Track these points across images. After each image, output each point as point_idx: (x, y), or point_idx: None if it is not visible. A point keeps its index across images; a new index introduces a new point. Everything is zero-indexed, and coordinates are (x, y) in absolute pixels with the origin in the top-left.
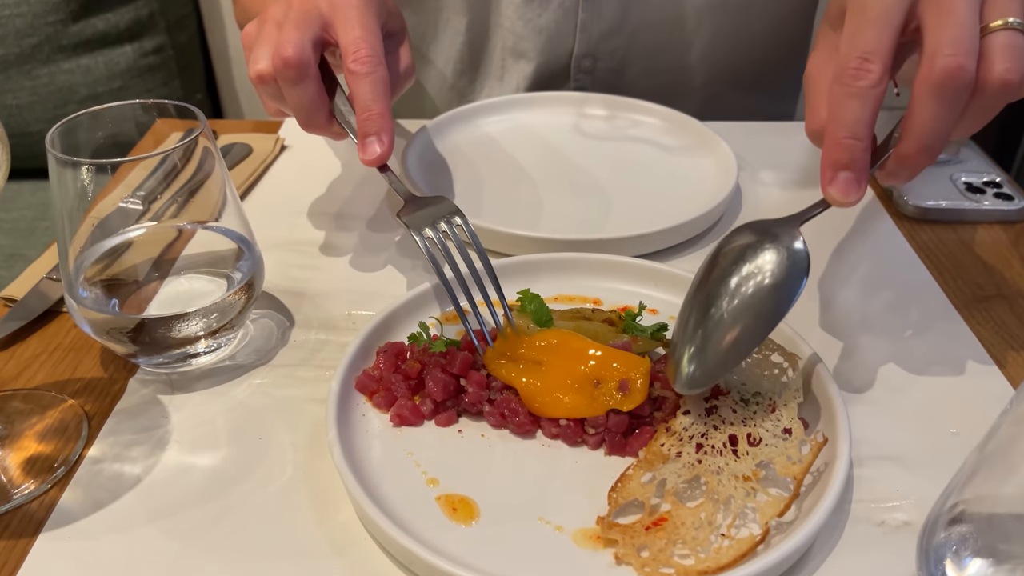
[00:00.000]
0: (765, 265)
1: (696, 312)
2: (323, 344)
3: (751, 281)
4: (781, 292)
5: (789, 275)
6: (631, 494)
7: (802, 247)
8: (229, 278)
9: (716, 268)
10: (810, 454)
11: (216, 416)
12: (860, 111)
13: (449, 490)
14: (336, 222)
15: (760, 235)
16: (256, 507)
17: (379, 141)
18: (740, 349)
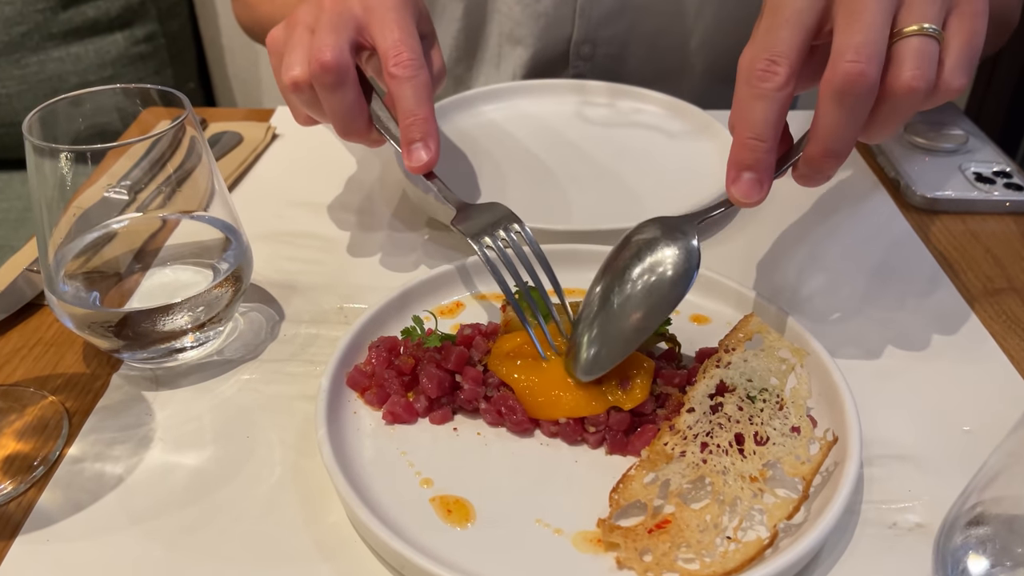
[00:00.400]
0: (665, 259)
1: (598, 300)
2: (314, 338)
3: (650, 273)
4: (676, 285)
5: (684, 269)
6: (633, 495)
7: (695, 244)
8: (215, 269)
9: (620, 259)
10: (819, 454)
11: (202, 413)
12: (765, 112)
13: (444, 491)
14: (328, 213)
15: (663, 230)
16: (243, 509)
17: (425, 147)
18: (635, 336)
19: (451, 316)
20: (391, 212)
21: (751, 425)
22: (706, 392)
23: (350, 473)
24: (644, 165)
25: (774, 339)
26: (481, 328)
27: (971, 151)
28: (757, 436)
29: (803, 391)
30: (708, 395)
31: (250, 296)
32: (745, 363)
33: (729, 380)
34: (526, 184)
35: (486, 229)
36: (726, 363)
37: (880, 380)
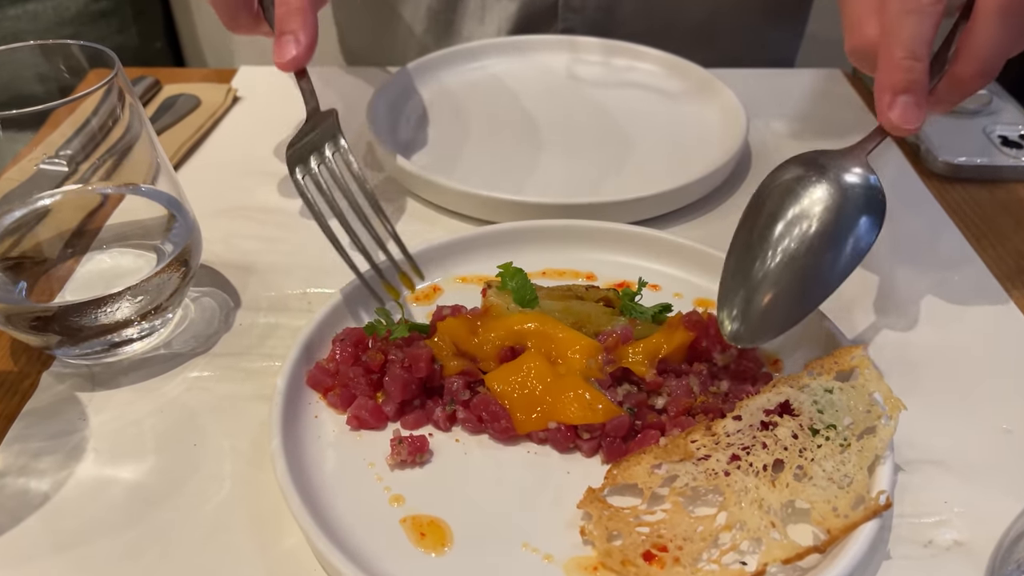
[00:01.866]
0: (829, 203)
1: (740, 257)
2: (273, 329)
3: (810, 223)
4: (849, 236)
5: (858, 216)
6: (633, 477)
7: (876, 182)
8: (159, 251)
9: (766, 206)
10: (861, 514)
11: (143, 418)
12: (919, 28)
13: (416, 510)
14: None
15: (823, 169)
16: (186, 531)
17: (295, 40)
18: (797, 305)
19: (427, 302)
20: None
21: (799, 457)
22: (763, 405)
23: (308, 491)
24: (643, 131)
25: (872, 378)
26: (462, 310)
27: (995, 112)
28: (801, 471)
29: (880, 446)
30: (764, 409)
31: (202, 279)
32: (825, 393)
33: (797, 403)
34: (515, 151)
35: (310, 150)
36: (802, 385)
37: (905, 372)
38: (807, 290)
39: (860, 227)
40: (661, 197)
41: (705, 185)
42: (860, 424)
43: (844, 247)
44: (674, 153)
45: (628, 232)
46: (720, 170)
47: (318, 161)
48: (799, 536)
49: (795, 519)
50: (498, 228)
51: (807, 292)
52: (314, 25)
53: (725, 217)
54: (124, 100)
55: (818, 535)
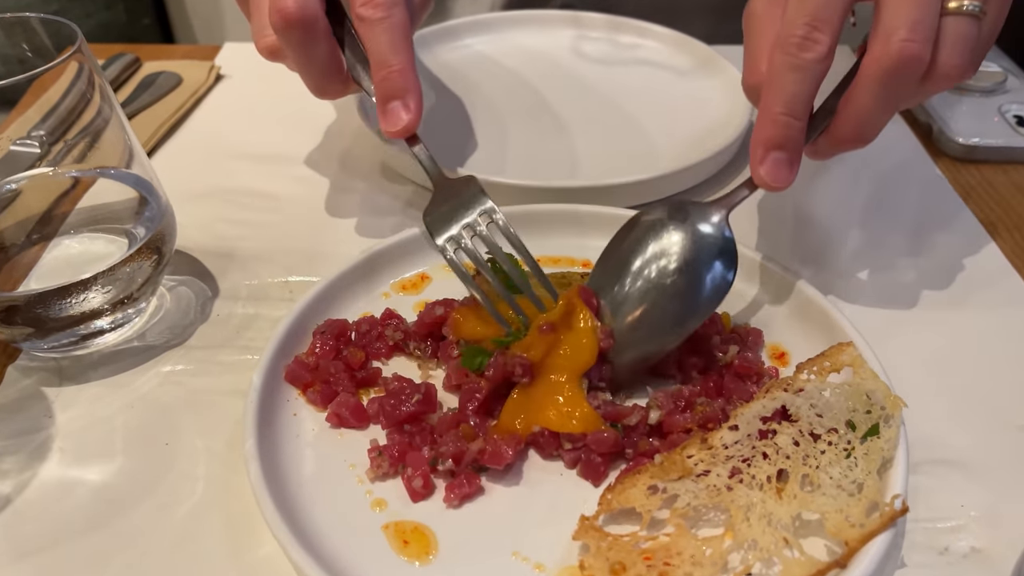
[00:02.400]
0: (672, 248)
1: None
2: (252, 320)
3: (667, 263)
4: (703, 280)
5: (710, 263)
6: (630, 500)
7: (729, 236)
8: (131, 236)
9: (627, 240)
10: (878, 522)
11: (113, 415)
12: (801, 86)
13: (400, 516)
14: (277, 166)
15: (683, 217)
16: (155, 538)
17: (404, 106)
18: (655, 333)
19: (415, 291)
20: (353, 166)
21: (803, 466)
22: (759, 413)
23: (284, 495)
24: (644, 108)
25: (867, 377)
26: (453, 304)
27: (1010, 91)
28: (806, 480)
29: (886, 448)
30: (761, 416)
31: (179, 267)
32: (821, 395)
33: (794, 408)
34: (516, 130)
35: (455, 224)
36: (797, 389)
37: (918, 367)
38: (663, 322)
39: (713, 273)
40: (663, 180)
41: (709, 167)
42: (862, 426)
43: (695, 290)
44: (676, 133)
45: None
46: (724, 151)
47: (470, 233)
48: (813, 550)
49: (806, 532)
50: None
51: (662, 324)
52: (419, 86)
53: None
54: (89, 78)
55: (832, 548)
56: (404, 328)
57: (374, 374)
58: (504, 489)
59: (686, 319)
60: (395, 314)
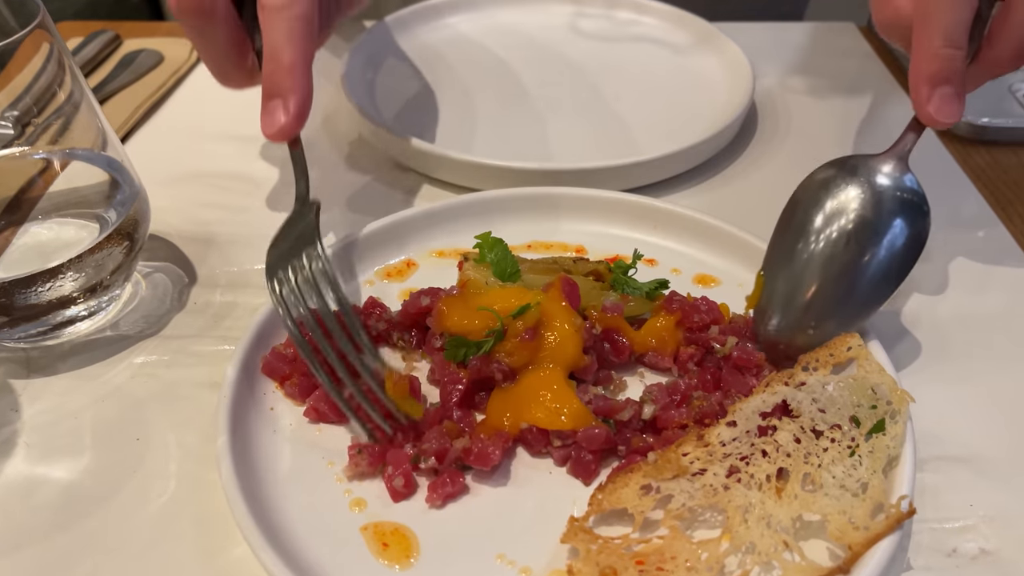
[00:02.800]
0: (866, 208)
1: (779, 257)
2: (230, 308)
3: (848, 226)
4: (889, 241)
5: (900, 221)
6: (621, 501)
7: (916, 186)
8: (102, 220)
9: (800, 209)
10: (884, 525)
11: (82, 408)
12: (959, 14)
13: (380, 516)
14: (260, 149)
15: (859, 178)
16: (124, 538)
17: (283, 107)
18: (845, 304)
19: (400, 279)
20: (339, 149)
21: (804, 464)
22: (759, 408)
23: (258, 495)
24: (640, 87)
25: (871, 370)
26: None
27: (1022, 69)
28: (808, 479)
29: (892, 445)
30: (760, 412)
31: (155, 253)
32: (824, 389)
33: (795, 403)
34: (501, 112)
35: (287, 259)
36: (799, 382)
37: (926, 358)
38: (854, 290)
39: (903, 232)
40: (659, 162)
41: (707, 148)
42: (866, 422)
43: (883, 251)
44: (674, 113)
45: (622, 201)
46: (723, 132)
47: (296, 268)
48: (814, 554)
49: (807, 534)
50: (479, 196)
51: (854, 292)
52: (306, 86)
53: (729, 183)
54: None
55: (835, 551)
56: (388, 318)
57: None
58: (489, 488)
59: (882, 283)
60: (378, 303)
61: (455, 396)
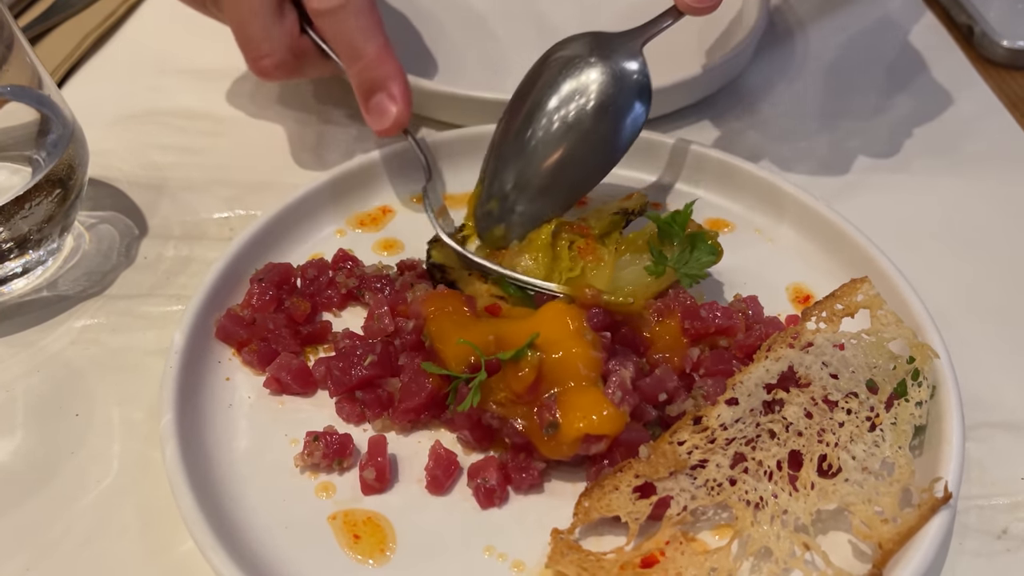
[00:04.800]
0: (591, 86)
1: (513, 137)
2: (185, 263)
3: (573, 103)
4: (612, 123)
5: (623, 103)
6: (612, 508)
7: (642, 69)
8: (35, 163)
9: (538, 83)
10: (915, 516)
11: (14, 380)
12: None
13: (351, 503)
14: (222, 82)
15: (593, 49)
16: (61, 530)
17: (388, 97)
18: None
19: (375, 227)
20: (305, 82)
21: (819, 444)
22: (762, 379)
23: (210, 480)
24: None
25: (887, 322)
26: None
27: None
28: (824, 462)
29: (918, 414)
30: (765, 384)
31: (101, 201)
32: (835, 351)
33: (803, 369)
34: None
35: None
36: (805, 343)
37: (968, 315)
38: (586, 162)
39: (632, 111)
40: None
41: (714, 79)
42: (886, 386)
43: (614, 127)
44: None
45: None
46: (734, 60)
47: None
48: (839, 555)
49: (829, 528)
50: (464, 133)
51: (586, 164)
52: (400, 68)
53: (740, 116)
54: None
55: (862, 548)
56: (359, 273)
57: (322, 329)
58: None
59: (604, 163)
60: (349, 255)
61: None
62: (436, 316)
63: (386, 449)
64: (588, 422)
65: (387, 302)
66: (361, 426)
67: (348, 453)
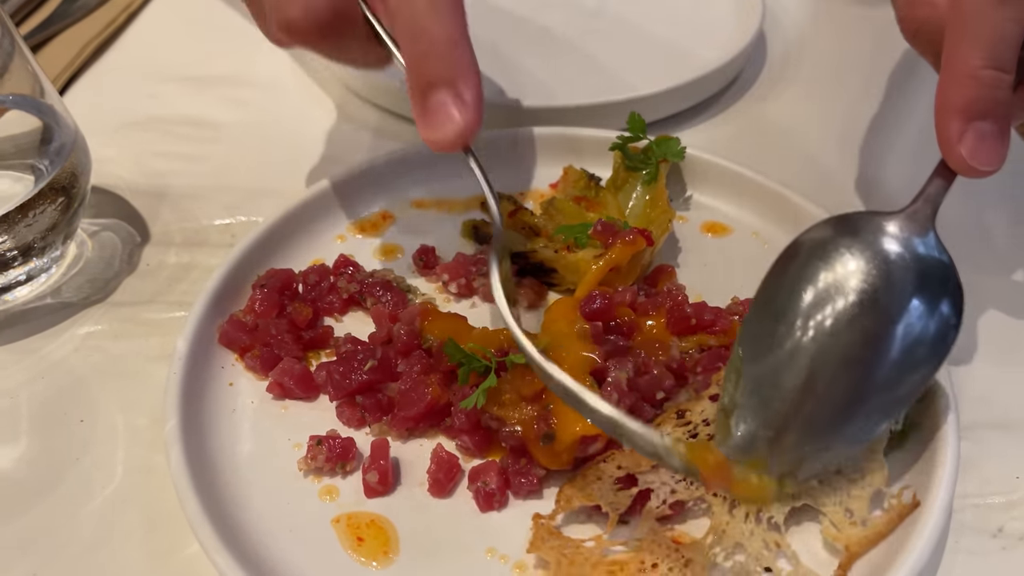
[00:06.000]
0: (888, 306)
1: (756, 348)
2: (187, 270)
3: (859, 321)
4: (914, 338)
5: (927, 310)
6: (592, 497)
7: (946, 260)
8: (38, 172)
9: (787, 279)
10: (883, 521)
11: (18, 387)
12: (1013, 30)
13: (354, 506)
14: (222, 89)
15: (865, 243)
16: (65, 535)
17: (454, 99)
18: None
19: (375, 233)
20: (309, 88)
21: None
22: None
23: (214, 484)
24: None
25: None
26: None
27: None
28: None
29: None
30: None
31: (103, 209)
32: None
33: None
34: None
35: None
36: None
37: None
38: (849, 407)
39: (929, 326)
40: (660, 97)
41: (713, 82)
42: None
43: (908, 352)
44: (675, 46)
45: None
46: (731, 64)
47: None
48: (810, 555)
49: (802, 525)
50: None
51: (850, 410)
52: (475, 65)
53: (737, 119)
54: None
55: (833, 549)
56: (360, 278)
57: (324, 334)
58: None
59: (887, 388)
60: (350, 261)
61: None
62: (435, 319)
63: (388, 452)
64: (584, 424)
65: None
66: (363, 430)
67: (351, 457)
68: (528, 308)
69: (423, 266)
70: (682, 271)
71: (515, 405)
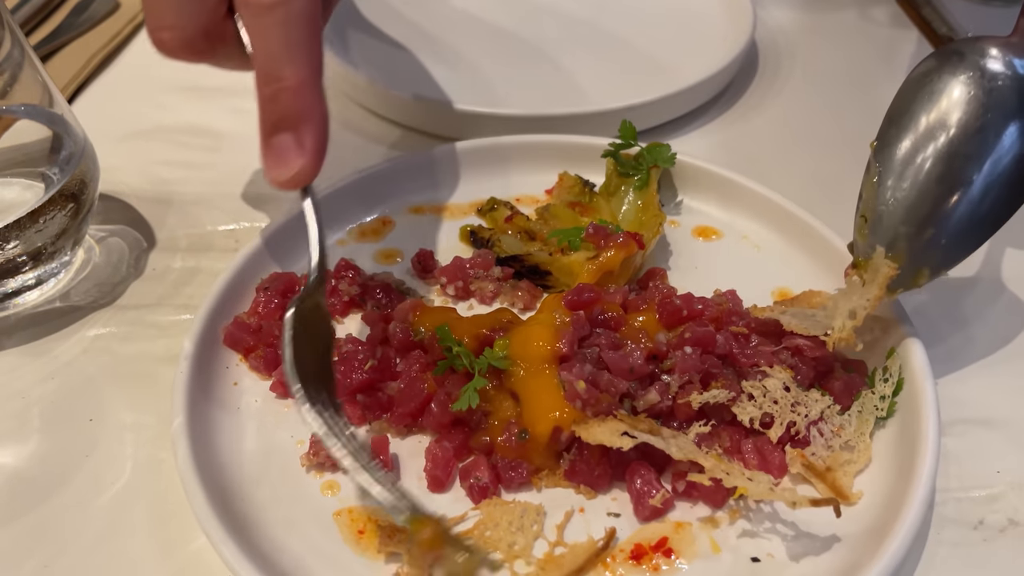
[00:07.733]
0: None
1: (893, 159)
2: (192, 274)
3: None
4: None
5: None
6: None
7: None
8: (48, 179)
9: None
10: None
11: (29, 387)
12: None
13: (355, 500)
14: (226, 99)
15: (984, 63)
16: (75, 530)
17: (295, 143)
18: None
19: (375, 238)
20: None
21: (792, 413)
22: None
23: (220, 479)
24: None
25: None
26: None
27: None
28: (793, 428)
29: (880, 407)
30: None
31: (110, 215)
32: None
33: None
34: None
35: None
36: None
37: (948, 311)
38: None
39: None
40: (653, 105)
41: (705, 90)
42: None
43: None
44: (670, 54)
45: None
46: (722, 73)
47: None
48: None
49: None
50: (462, 147)
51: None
52: (322, 110)
53: (729, 127)
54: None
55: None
56: (361, 281)
57: None
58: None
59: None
60: (351, 265)
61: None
62: (425, 312)
63: (388, 448)
64: (552, 417)
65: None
66: (363, 427)
67: None
68: (523, 310)
69: (422, 269)
70: (673, 273)
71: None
